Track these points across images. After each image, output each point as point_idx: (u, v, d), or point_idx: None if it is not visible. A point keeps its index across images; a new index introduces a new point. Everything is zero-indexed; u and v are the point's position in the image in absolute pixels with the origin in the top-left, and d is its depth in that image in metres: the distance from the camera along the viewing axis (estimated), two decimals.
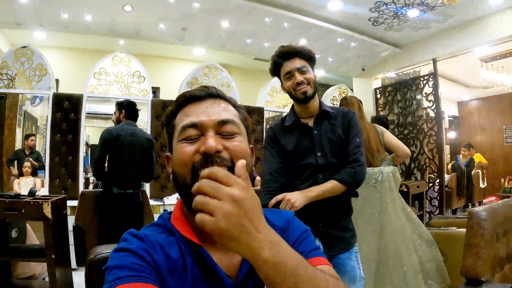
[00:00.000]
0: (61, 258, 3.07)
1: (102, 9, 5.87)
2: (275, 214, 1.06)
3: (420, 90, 6.96)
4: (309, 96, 2.05)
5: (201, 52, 8.07)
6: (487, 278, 1.97)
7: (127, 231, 0.89)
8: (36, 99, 7.10)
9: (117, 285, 0.75)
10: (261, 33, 6.76)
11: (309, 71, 2.08)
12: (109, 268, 0.80)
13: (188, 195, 0.83)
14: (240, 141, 0.92)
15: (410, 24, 6.35)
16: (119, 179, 3.85)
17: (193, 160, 0.87)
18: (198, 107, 0.94)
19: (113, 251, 0.84)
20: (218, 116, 0.91)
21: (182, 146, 0.90)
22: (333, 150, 2.05)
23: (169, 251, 0.86)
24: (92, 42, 7.32)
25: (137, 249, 0.82)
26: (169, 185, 5.82)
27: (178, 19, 6.30)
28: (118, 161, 3.87)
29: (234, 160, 0.88)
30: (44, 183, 5.47)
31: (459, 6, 5.62)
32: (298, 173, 2.06)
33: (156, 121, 5.94)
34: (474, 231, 2.00)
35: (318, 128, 2.09)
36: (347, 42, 7.03)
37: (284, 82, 2.14)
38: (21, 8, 5.55)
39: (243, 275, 0.89)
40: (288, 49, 2.10)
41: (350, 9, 5.92)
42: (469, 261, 1.99)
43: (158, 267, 0.82)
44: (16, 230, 3.31)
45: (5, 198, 2.85)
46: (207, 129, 0.89)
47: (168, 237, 0.90)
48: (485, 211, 2.05)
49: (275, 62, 2.16)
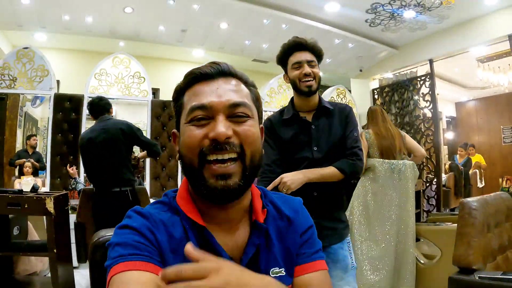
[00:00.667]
0: (63, 254, 3.08)
1: (103, 11, 5.92)
2: (284, 201, 1.04)
3: (417, 91, 6.99)
4: (313, 91, 2.07)
5: (200, 54, 8.10)
6: (478, 266, 2.01)
7: (132, 208, 0.89)
8: (37, 100, 7.16)
9: (118, 262, 0.75)
10: (259, 34, 6.81)
11: (317, 66, 2.11)
12: (112, 244, 0.80)
13: (195, 178, 0.86)
14: (251, 125, 0.89)
15: (406, 25, 6.39)
16: (101, 179, 3.72)
17: (202, 145, 0.84)
18: (208, 86, 0.89)
19: (116, 228, 0.84)
20: (229, 98, 0.87)
21: (190, 129, 0.87)
22: (330, 145, 2.07)
23: (173, 230, 0.85)
24: (92, 43, 7.37)
25: (140, 227, 0.81)
26: (169, 184, 5.86)
27: (177, 21, 6.34)
28: (97, 163, 3.71)
29: (244, 145, 0.86)
30: (45, 183, 5.50)
31: (455, 7, 5.65)
32: (294, 166, 2.09)
33: (156, 122, 5.99)
34: (466, 221, 2.05)
35: (316, 123, 2.10)
36: (344, 43, 7.08)
37: (290, 71, 2.13)
38: (23, 10, 5.59)
39: (248, 258, 0.88)
40: (302, 41, 2.11)
41: (347, 11, 5.96)
42: (461, 250, 2.03)
43: (160, 247, 0.81)
44: (18, 228, 3.33)
45: (8, 193, 2.87)
46: (217, 113, 0.86)
47: (172, 216, 0.88)
48: (476, 201, 2.10)
49: (286, 49, 2.16)
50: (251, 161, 0.87)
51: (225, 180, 0.83)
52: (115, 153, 3.71)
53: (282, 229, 0.97)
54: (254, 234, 0.91)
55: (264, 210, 0.95)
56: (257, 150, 0.89)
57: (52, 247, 2.87)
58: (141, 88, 6.05)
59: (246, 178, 0.86)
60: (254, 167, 0.89)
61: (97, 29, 6.58)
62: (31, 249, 3.02)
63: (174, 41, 7.26)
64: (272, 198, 1.02)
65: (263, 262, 0.91)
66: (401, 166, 3.62)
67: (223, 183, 0.83)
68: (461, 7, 5.69)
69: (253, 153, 0.87)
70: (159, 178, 5.87)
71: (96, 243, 1.13)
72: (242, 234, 0.92)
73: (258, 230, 0.92)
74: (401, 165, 3.63)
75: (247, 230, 0.93)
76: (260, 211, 0.94)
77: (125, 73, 6.00)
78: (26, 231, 3.54)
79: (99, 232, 1.19)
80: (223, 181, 0.83)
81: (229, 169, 0.84)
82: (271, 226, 0.95)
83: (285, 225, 0.98)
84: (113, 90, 5.89)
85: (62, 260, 3.03)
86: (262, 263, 0.90)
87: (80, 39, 7.11)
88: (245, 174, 0.86)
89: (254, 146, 0.88)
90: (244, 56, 8.18)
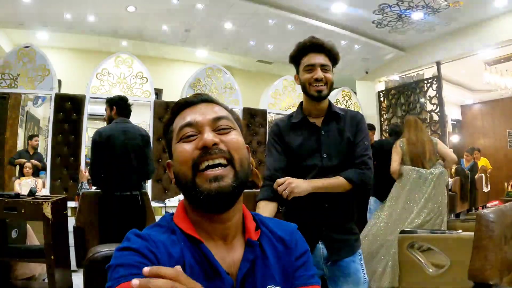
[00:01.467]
0: (61, 259, 3.03)
1: (105, 10, 5.88)
2: (278, 224, 1.07)
3: (424, 93, 6.93)
4: (323, 96, 1.98)
5: (204, 54, 8.07)
6: (495, 281, 1.92)
7: (130, 231, 0.89)
8: (39, 99, 7.11)
9: (120, 283, 0.75)
10: (264, 35, 6.77)
11: (330, 71, 2.01)
12: (112, 266, 0.80)
13: (191, 192, 0.89)
14: (235, 134, 0.96)
15: (414, 27, 6.33)
16: (114, 182, 3.66)
17: (193, 156, 0.89)
18: (193, 110, 0.97)
19: (116, 250, 0.84)
20: (212, 115, 0.95)
21: (181, 145, 0.92)
22: (339, 153, 1.99)
23: (171, 249, 0.86)
24: (95, 43, 7.33)
25: (140, 248, 0.82)
26: (171, 187, 5.79)
27: (181, 21, 6.31)
28: (111, 163, 3.66)
29: (232, 152, 0.91)
30: (45, 184, 5.44)
31: (463, 9, 5.60)
32: (302, 173, 2.01)
33: (158, 123, 5.92)
34: (483, 234, 1.95)
35: (326, 129, 2.02)
36: (350, 44, 7.02)
37: (302, 73, 2.03)
38: (24, 8, 5.55)
39: (242, 273, 0.90)
40: (319, 42, 2.00)
41: (353, 12, 5.92)
42: (477, 264, 1.94)
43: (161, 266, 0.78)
44: (16, 231, 3.27)
45: (4, 197, 2.81)
46: (203, 127, 0.93)
47: (170, 236, 0.90)
48: (493, 213, 2.00)
49: (302, 49, 2.04)
50: (240, 166, 0.92)
51: (218, 181, 0.87)
52: (132, 157, 3.72)
53: (279, 249, 1.00)
54: (248, 251, 0.93)
55: (257, 231, 0.99)
56: (245, 157, 0.95)
57: (49, 253, 2.81)
58: (143, 89, 5.98)
59: (238, 181, 0.90)
60: (245, 173, 0.93)
61: (99, 28, 6.55)
62: (28, 255, 2.97)
63: (177, 41, 7.23)
64: (265, 221, 1.05)
65: (259, 279, 0.92)
66: (428, 175, 3.82)
67: (216, 185, 0.87)
68: (469, 9, 5.65)
69: (241, 159, 0.93)
70: (161, 181, 5.80)
71: (92, 259, 1.11)
72: (238, 251, 0.94)
73: (251, 248, 0.94)
74: (428, 174, 3.83)
75: (242, 248, 0.95)
76: (253, 231, 0.97)
77: (127, 73, 5.93)
78: (25, 234, 3.49)
79: (95, 248, 1.16)
80: (216, 183, 0.87)
81: (221, 171, 0.88)
82: (266, 244, 0.98)
83: (281, 247, 1.00)
84: (115, 91, 5.80)
85: (60, 265, 2.97)
86: (258, 279, 0.92)
87: (82, 38, 7.09)
88: (237, 176, 0.90)
89: (241, 153, 0.94)
90: (248, 57, 8.15)
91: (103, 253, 1.11)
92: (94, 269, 1.10)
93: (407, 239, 3.33)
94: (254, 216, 1.04)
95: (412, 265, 3.32)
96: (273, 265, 0.96)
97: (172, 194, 5.73)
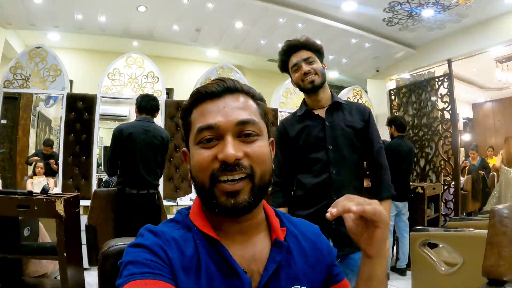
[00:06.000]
0: (73, 257, 3.04)
1: (116, 10, 5.91)
2: (303, 223, 1.06)
3: (435, 91, 6.86)
4: (317, 85, 2.05)
5: (214, 54, 8.07)
6: (509, 278, 1.91)
7: (144, 226, 0.89)
8: (50, 100, 7.17)
9: (130, 281, 0.75)
10: (275, 34, 6.74)
11: (316, 61, 2.08)
12: (123, 263, 0.80)
13: (207, 197, 0.87)
14: (260, 145, 0.88)
15: (424, 24, 6.29)
16: (132, 180, 3.68)
17: (212, 167, 0.84)
18: (215, 105, 0.89)
19: (128, 246, 0.84)
20: (236, 116, 0.87)
21: (200, 151, 0.87)
22: (346, 142, 2.04)
23: (184, 247, 0.85)
24: (106, 43, 7.36)
25: (151, 245, 0.82)
26: (182, 185, 5.80)
27: (191, 20, 6.32)
28: (130, 161, 3.68)
29: (254, 166, 0.86)
30: (57, 183, 5.48)
31: (473, 6, 5.55)
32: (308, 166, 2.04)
33: (170, 122, 5.93)
34: (497, 229, 1.94)
35: (330, 119, 2.07)
36: (361, 43, 6.99)
37: (292, 74, 2.14)
38: (35, 9, 5.59)
39: (268, 274, 0.87)
40: (294, 42, 2.11)
41: (364, 10, 5.88)
42: (491, 260, 1.93)
43: (172, 264, 0.81)
44: (29, 229, 3.30)
45: (17, 195, 2.83)
46: (226, 133, 0.85)
47: (185, 233, 0.88)
48: (507, 208, 1.99)
49: (282, 57, 2.16)
50: (260, 180, 0.87)
51: (235, 197, 0.84)
52: (152, 156, 3.77)
53: (306, 249, 0.98)
54: (275, 251, 0.91)
55: (283, 228, 0.97)
56: (267, 169, 0.89)
57: (62, 251, 2.83)
58: (154, 88, 5.99)
59: (255, 195, 0.86)
60: (264, 186, 0.89)
61: (110, 29, 6.58)
62: (41, 252, 2.99)
63: (188, 41, 7.24)
64: (291, 219, 1.04)
65: (283, 280, 0.90)
66: None
67: (233, 201, 0.84)
68: (480, 6, 5.60)
69: (263, 172, 0.88)
70: (172, 180, 5.81)
71: (106, 253, 1.10)
72: (260, 248, 0.92)
73: (279, 248, 0.92)
74: None
75: (266, 246, 0.93)
76: (279, 229, 0.95)
77: (138, 73, 5.94)
78: (37, 232, 3.52)
79: (109, 242, 1.16)
80: (233, 199, 0.84)
81: (238, 186, 0.84)
82: (293, 244, 0.96)
83: (309, 246, 0.99)
84: (127, 90, 5.84)
85: (72, 263, 2.99)
86: (282, 280, 0.89)
87: (93, 39, 7.11)
88: (254, 191, 0.86)
89: (264, 166, 0.88)
90: (259, 56, 8.14)
91: (117, 247, 1.10)
92: (107, 262, 1.08)
93: (419, 237, 3.31)
94: (277, 212, 1.02)
95: (424, 263, 3.30)
96: (298, 265, 0.93)
97: (183, 193, 5.74)
